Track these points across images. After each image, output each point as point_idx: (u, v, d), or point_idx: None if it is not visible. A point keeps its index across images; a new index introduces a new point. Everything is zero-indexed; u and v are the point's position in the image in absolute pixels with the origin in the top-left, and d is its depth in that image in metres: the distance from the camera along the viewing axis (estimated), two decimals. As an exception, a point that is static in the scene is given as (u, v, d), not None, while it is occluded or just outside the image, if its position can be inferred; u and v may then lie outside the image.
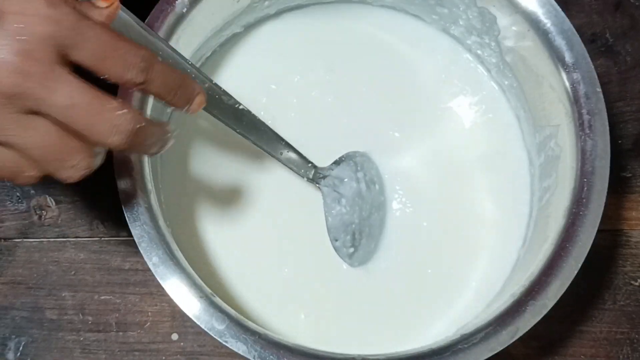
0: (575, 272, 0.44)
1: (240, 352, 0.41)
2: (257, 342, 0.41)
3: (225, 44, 0.56)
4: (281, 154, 0.50)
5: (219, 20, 0.52)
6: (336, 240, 0.51)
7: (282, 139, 0.50)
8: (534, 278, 0.44)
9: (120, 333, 0.53)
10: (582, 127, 0.46)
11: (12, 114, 0.32)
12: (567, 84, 0.47)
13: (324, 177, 0.52)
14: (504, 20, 0.50)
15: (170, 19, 0.47)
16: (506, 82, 0.54)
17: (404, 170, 0.54)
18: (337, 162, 0.52)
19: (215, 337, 0.41)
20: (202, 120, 0.54)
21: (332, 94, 0.55)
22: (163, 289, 0.42)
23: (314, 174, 0.51)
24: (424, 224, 0.53)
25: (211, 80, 0.47)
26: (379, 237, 0.53)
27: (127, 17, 0.43)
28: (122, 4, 0.43)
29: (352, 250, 0.51)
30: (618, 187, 0.56)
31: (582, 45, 0.47)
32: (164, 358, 0.53)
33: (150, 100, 0.47)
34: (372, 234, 0.52)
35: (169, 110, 0.52)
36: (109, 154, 0.38)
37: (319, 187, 0.52)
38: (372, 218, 0.52)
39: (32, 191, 0.56)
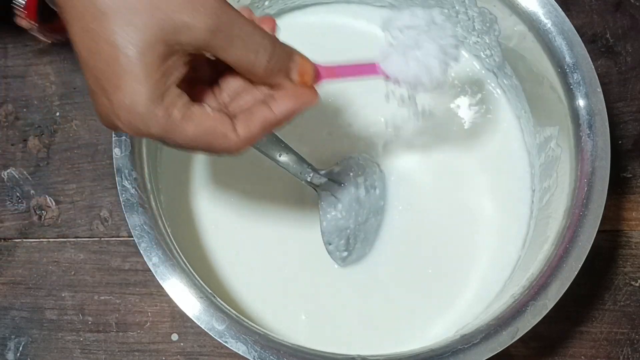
0: (576, 272, 0.43)
1: (240, 352, 0.41)
2: (257, 342, 0.41)
3: (225, 44, 0.55)
4: (280, 155, 0.50)
5: (219, 21, 0.52)
6: (329, 244, 0.51)
7: (281, 141, 0.50)
8: (534, 278, 0.44)
9: (120, 333, 0.53)
10: (582, 127, 0.46)
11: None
12: (567, 84, 0.47)
13: (322, 180, 0.51)
14: (504, 21, 0.50)
15: (170, 19, 0.47)
16: (506, 82, 0.54)
17: (404, 170, 0.54)
18: (337, 165, 0.52)
19: (215, 337, 0.41)
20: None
21: (332, 94, 0.55)
22: (163, 289, 0.42)
23: (312, 177, 0.51)
24: (424, 225, 0.53)
25: (211, 81, 0.47)
26: (374, 241, 0.53)
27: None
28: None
29: (345, 254, 0.51)
30: (618, 187, 0.56)
31: (583, 45, 0.47)
32: (163, 358, 0.53)
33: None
34: (367, 238, 0.52)
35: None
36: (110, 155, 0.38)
37: (316, 190, 0.52)
38: (368, 223, 0.52)
39: (32, 191, 0.56)
